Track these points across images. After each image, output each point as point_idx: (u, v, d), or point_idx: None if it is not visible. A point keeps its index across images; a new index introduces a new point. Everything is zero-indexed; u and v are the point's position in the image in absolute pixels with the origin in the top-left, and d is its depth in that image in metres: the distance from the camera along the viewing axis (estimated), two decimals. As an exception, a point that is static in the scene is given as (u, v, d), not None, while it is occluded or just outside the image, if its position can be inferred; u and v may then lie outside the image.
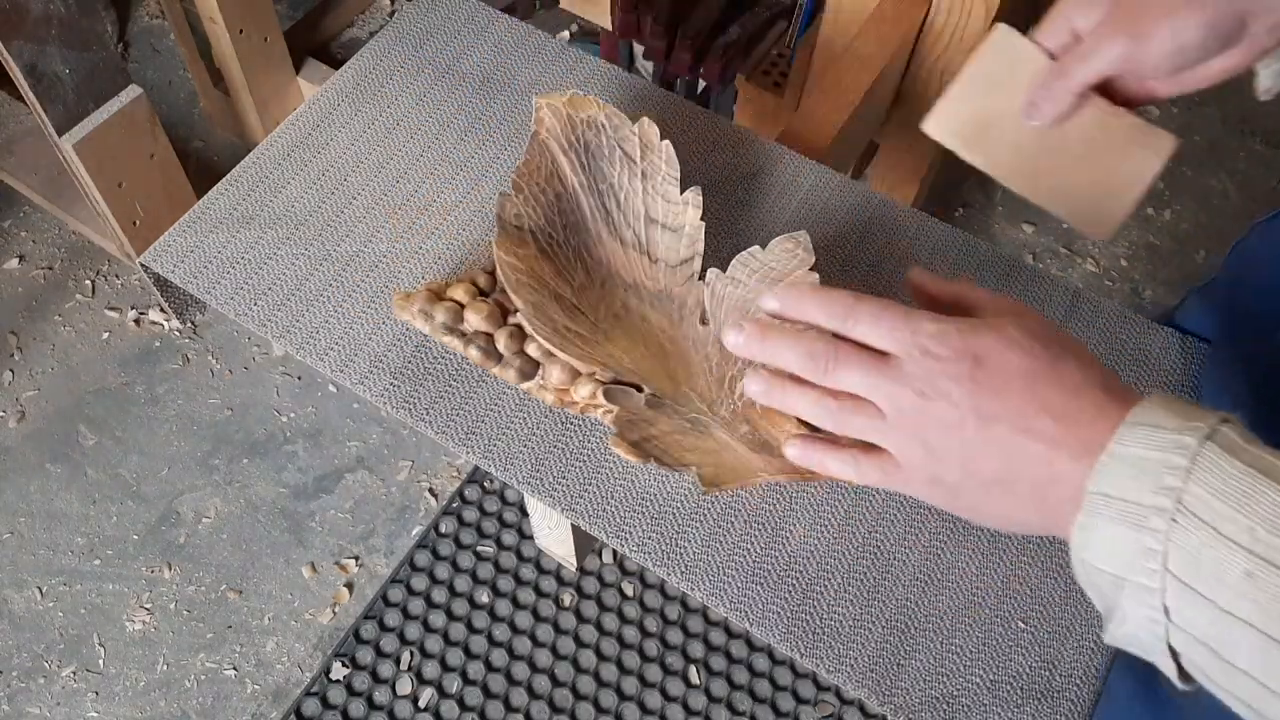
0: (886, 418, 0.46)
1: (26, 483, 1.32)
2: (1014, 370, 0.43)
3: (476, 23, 0.79)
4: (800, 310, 0.49)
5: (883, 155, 1.16)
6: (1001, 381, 0.43)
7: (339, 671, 1.20)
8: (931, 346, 0.44)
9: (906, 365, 0.45)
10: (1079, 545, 0.41)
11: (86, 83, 1.09)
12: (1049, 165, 0.59)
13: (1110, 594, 0.41)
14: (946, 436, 0.44)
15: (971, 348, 0.44)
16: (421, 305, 0.62)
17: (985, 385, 0.43)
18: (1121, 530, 0.39)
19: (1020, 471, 0.43)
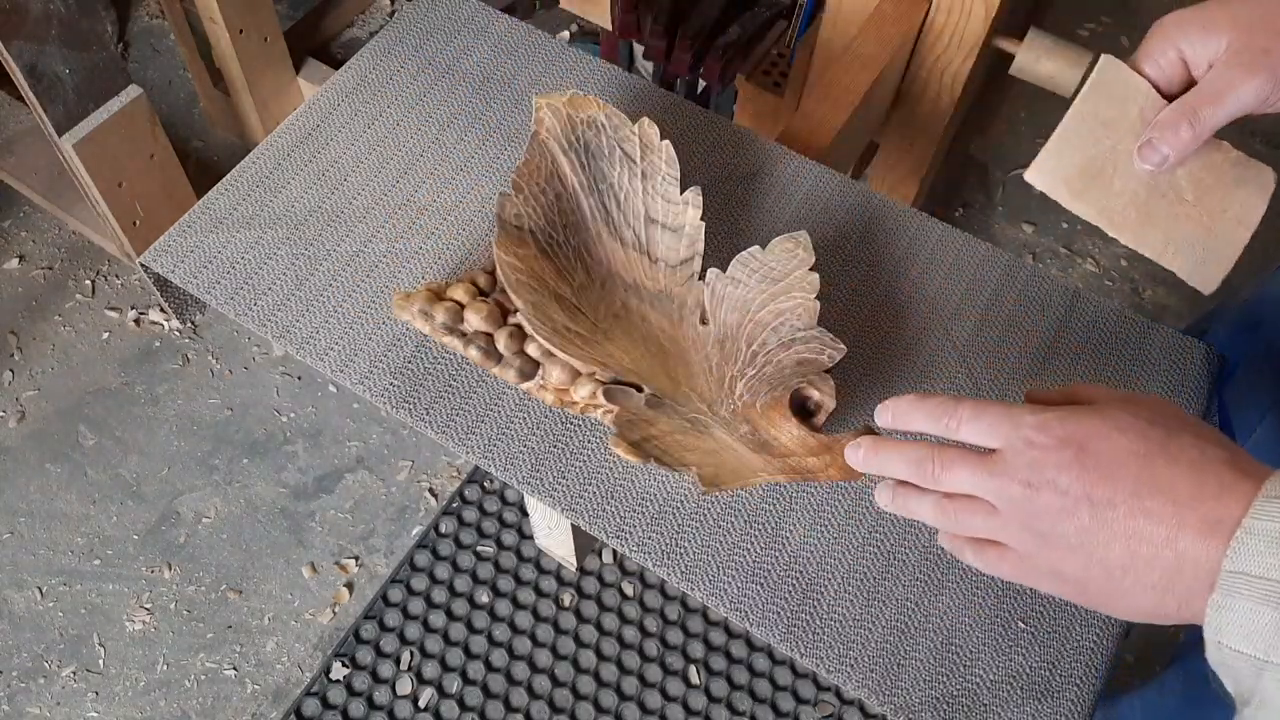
0: (1000, 512, 0.45)
1: (26, 483, 1.32)
2: (1123, 453, 0.41)
3: (476, 23, 0.79)
4: (907, 422, 0.48)
5: (883, 155, 1.16)
6: (1110, 465, 0.42)
7: (339, 671, 1.20)
8: (1034, 437, 0.43)
9: (1010, 457, 0.44)
10: (1214, 627, 0.39)
11: (86, 83, 1.09)
12: (1160, 212, 0.54)
13: (1248, 678, 0.39)
14: (1059, 524, 0.43)
15: (1074, 434, 0.42)
16: (421, 305, 0.62)
17: (1093, 470, 0.42)
18: (1264, 610, 0.37)
19: (1144, 556, 0.41)
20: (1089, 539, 0.42)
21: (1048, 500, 0.43)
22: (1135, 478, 0.41)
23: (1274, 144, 1.68)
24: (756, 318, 0.60)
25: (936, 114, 1.05)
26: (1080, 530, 0.42)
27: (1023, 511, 0.44)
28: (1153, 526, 0.41)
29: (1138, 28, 1.83)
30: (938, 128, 1.07)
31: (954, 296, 0.68)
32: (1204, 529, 0.40)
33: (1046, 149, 0.53)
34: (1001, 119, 1.67)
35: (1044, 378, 0.66)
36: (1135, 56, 0.54)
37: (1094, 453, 0.42)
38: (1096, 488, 0.42)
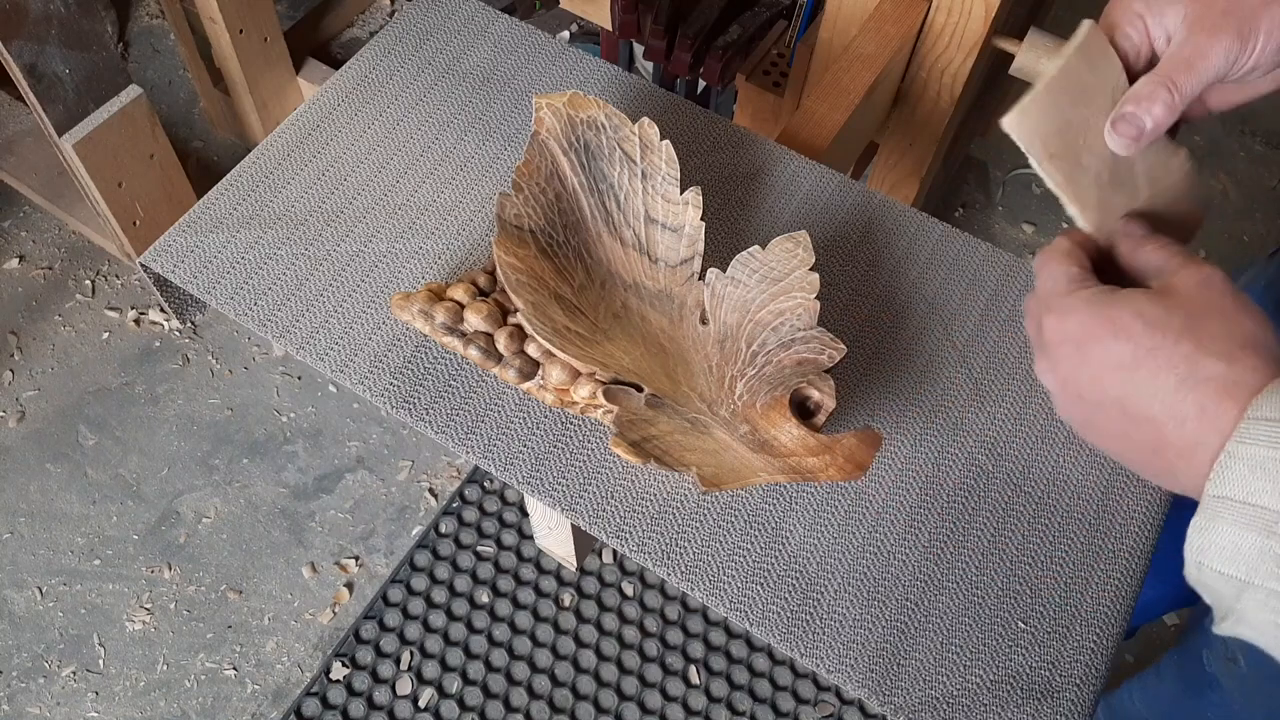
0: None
1: (26, 483, 1.32)
2: (1112, 362, 0.42)
3: (476, 23, 0.79)
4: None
5: (883, 155, 1.16)
6: (1100, 370, 0.43)
7: (339, 671, 1.20)
8: (1046, 323, 0.45)
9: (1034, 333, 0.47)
10: (1196, 548, 0.40)
11: (86, 83, 1.09)
12: (1115, 200, 0.51)
13: (1229, 596, 0.39)
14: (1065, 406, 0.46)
15: (1076, 333, 0.44)
16: (421, 305, 0.62)
17: (1085, 372, 0.43)
18: (1248, 535, 0.37)
19: (1137, 454, 0.43)
20: (1089, 426, 0.45)
21: (1052, 382, 0.46)
22: (1121, 386, 0.42)
23: (1274, 144, 1.68)
24: (756, 318, 0.60)
25: (936, 114, 1.05)
26: (1082, 418, 0.45)
27: (1041, 373, 0.47)
28: (1140, 434, 0.42)
29: (1138, 28, 1.83)
30: (938, 128, 1.07)
31: (954, 296, 0.68)
32: (1185, 449, 0.40)
33: (1034, 97, 0.49)
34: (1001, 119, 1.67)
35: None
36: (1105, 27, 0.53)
37: (1087, 357, 0.43)
38: (1085, 389, 0.43)
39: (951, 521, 0.60)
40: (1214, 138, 1.69)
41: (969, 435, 0.63)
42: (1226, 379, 0.39)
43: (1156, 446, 0.41)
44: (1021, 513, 0.60)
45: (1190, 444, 0.40)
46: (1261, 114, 1.71)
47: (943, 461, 0.62)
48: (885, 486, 0.61)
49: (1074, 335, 0.43)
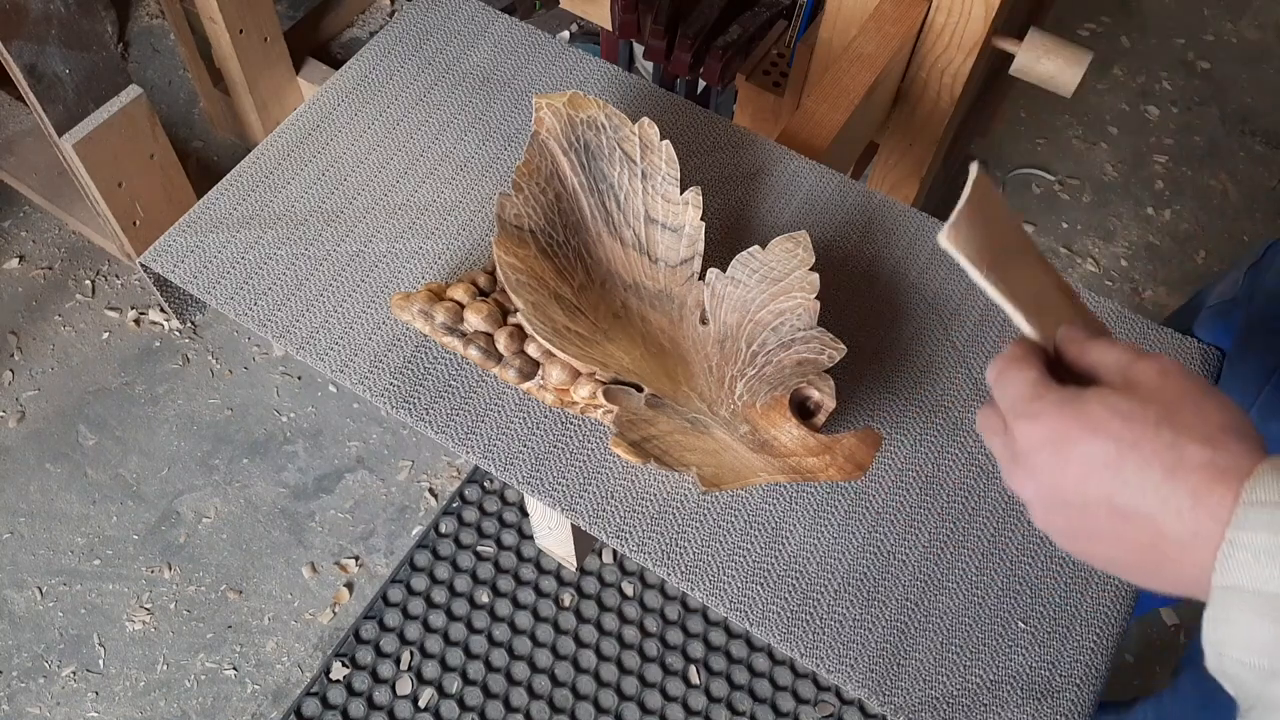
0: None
1: (26, 483, 1.32)
2: (1095, 458, 0.41)
3: (476, 23, 0.79)
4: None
5: (883, 155, 1.16)
6: (1084, 468, 0.41)
7: (339, 671, 1.20)
8: (1018, 428, 0.44)
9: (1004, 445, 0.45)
10: (1214, 640, 0.39)
11: (86, 83, 1.09)
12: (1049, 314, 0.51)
13: (1254, 684, 0.38)
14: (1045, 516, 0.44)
15: (1051, 436, 0.42)
16: (421, 305, 0.62)
17: (1069, 474, 0.42)
18: (1264, 625, 0.37)
19: (1132, 554, 0.41)
20: (1074, 533, 0.43)
21: (1031, 491, 0.44)
22: (1108, 484, 0.41)
23: (1274, 144, 1.68)
24: (756, 318, 0.60)
25: (936, 114, 1.05)
26: (1065, 525, 0.43)
27: (1014, 486, 0.45)
28: (1133, 530, 0.40)
29: (1137, 28, 1.83)
30: (938, 128, 1.07)
31: (954, 296, 0.68)
32: (1183, 540, 0.39)
33: (960, 214, 0.48)
34: (1001, 119, 1.67)
35: (1044, 378, 0.66)
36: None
37: (1067, 459, 0.42)
38: (1069, 492, 0.42)
39: (951, 521, 0.60)
40: (1214, 138, 1.69)
41: (969, 435, 0.63)
42: (1214, 464, 0.39)
43: (1152, 541, 0.40)
44: (1021, 513, 0.60)
45: (1189, 534, 0.39)
46: (1261, 114, 1.72)
47: (943, 461, 0.62)
48: (885, 486, 0.61)
49: (1049, 439, 0.42)
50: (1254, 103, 1.73)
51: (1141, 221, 1.61)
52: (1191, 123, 1.71)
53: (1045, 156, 1.67)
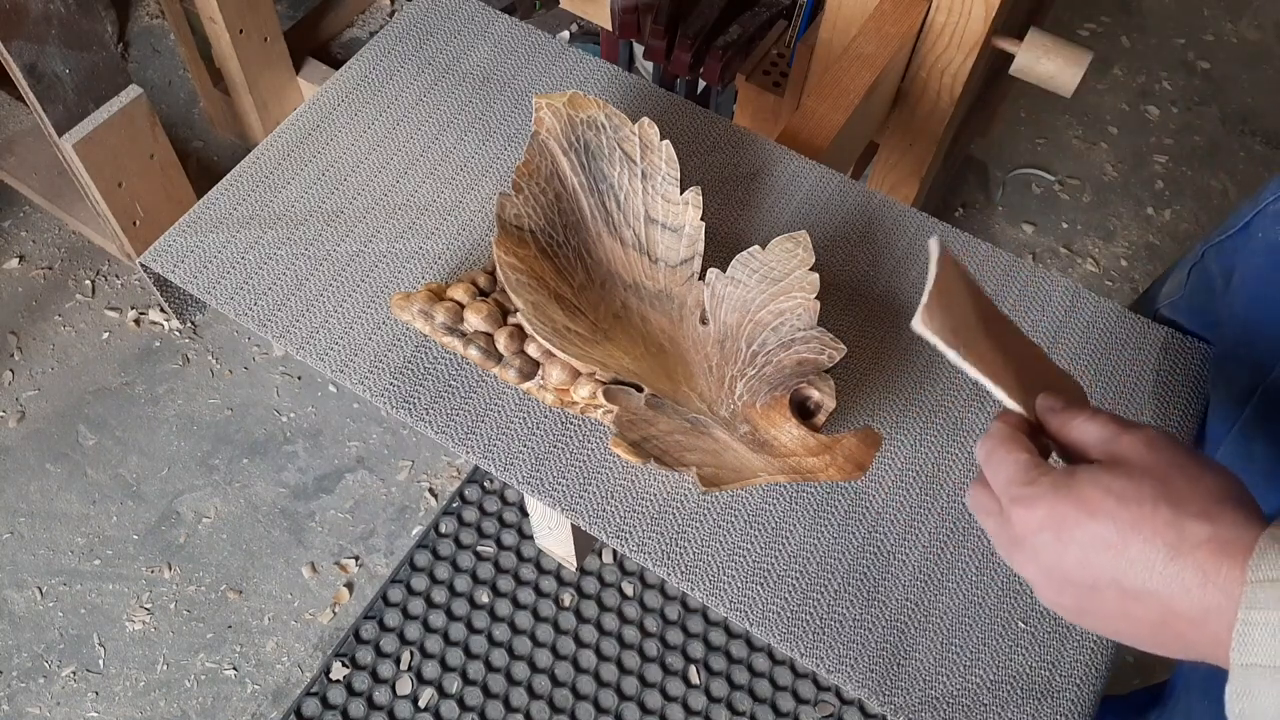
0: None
1: (26, 483, 1.32)
2: (1098, 541, 0.41)
3: (476, 23, 0.79)
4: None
5: (883, 155, 1.16)
6: (1087, 552, 0.42)
7: (339, 671, 1.20)
8: (1014, 513, 0.44)
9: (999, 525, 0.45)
10: (1239, 712, 0.39)
11: (86, 83, 1.09)
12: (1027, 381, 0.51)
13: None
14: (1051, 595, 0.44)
15: (1049, 519, 0.42)
16: (421, 305, 0.62)
17: (1071, 557, 0.42)
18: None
19: (1144, 630, 0.42)
20: (1082, 611, 0.43)
21: (1034, 573, 0.44)
22: (1112, 565, 0.41)
23: (1274, 144, 1.68)
24: (756, 318, 0.60)
25: (936, 114, 1.05)
26: (1073, 604, 0.43)
27: (1016, 567, 0.45)
28: (1142, 609, 0.41)
29: (1137, 28, 1.83)
30: (938, 128, 1.07)
31: (954, 296, 0.68)
32: (1195, 618, 0.39)
33: (930, 297, 0.47)
34: (1001, 119, 1.67)
35: (1044, 378, 0.66)
36: None
37: (1068, 542, 0.42)
38: (1073, 574, 0.42)
39: (951, 521, 0.60)
40: (1214, 138, 1.69)
41: (969, 436, 0.63)
42: (1216, 538, 0.39)
43: (1163, 618, 0.41)
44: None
45: (1200, 611, 0.39)
46: (1262, 114, 1.72)
47: (943, 461, 0.62)
48: (885, 486, 0.61)
49: (1048, 523, 0.42)
50: (1254, 103, 1.73)
51: (1141, 221, 1.61)
52: (1191, 123, 1.71)
53: (1045, 156, 1.67)
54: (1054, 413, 0.47)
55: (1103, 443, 0.44)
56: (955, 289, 0.49)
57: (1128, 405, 0.65)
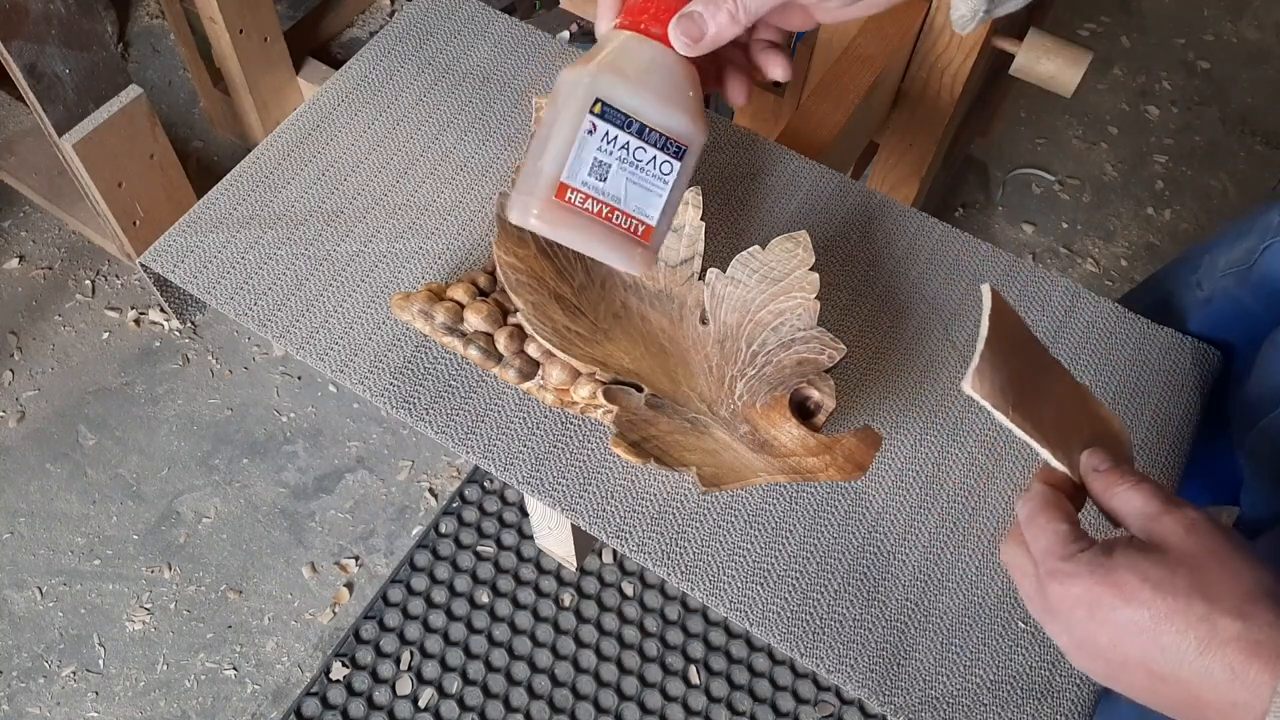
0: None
1: (26, 483, 1.32)
2: (1131, 625, 0.42)
3: (476, 23, 0.79)
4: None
5: (883, 155, 1.16)
6: (1118, 634, 0.42)
7: (339, 671, 1.20)
8: (1050, 587, 0.44)
9: (1035, 590, 0.46)
10: None
11: (86, 83, 1.09)
12: (1074, 435, 0.51)
13: None
14: (1083, 662, 0.45)
15: (1084, 597, 0.43)
16: (421, 305, 0.62)
17: (1104, 636, 0.43)
18: None
19: (1172, 710, 0.43)
20: (1113, 680, 0.44)
21: (1067, 643, 0.45)
22: (1143, 650, 0.41)
23: (1274, 144, 1.68)
24: (756, 318, 0.60)
25: (936, 114, 1.05)
26: (1105, 674, 0.44)
27: (1048, 632, 0.46)
28: (1172, 691, 0.41)
29: (1137, 28, 1.83)
30: (938, 128, 1.07)
31: (954, 296, 0.68)
32: (1223, 709, 0.40)
33: (981, 358, 0.48)
34: (1001, 119, 1.67)
35: (1044, 378, 0.66)
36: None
37: (1102, 622, 0.42)
38: (1105, 651, 0.43)
39: (951, 521, 0.60)
40: (1214, 138, 1.69)
41: (969, 436, 0.63)
42: (1247, 638, 0.40)
43: (1191, 703, 0.41)
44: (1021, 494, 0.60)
45: (1228, 704, 0.40)
46: (1261, 114, 1.72)
47: (943, 462, 0.62)
48: (885, 486, 0.61)
49: (1083, 601, 0.43)
50: (1254, 103, 1.73)
51: (1141, 221, 1.61)
52: (1191, 123, 1.71)
53: (1045, 156, 1.67)
54: (1099, 474, 0.48)
55: (1144, 519, 0.45)
56: (1006, 338, 0.49)
57: (1127, 406, 0.65)
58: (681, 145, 0.49)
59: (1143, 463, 0.63)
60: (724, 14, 0.47)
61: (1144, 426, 0.64)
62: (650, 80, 0.48)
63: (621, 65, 0.48)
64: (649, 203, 0.49)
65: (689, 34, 0.48)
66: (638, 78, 0.48)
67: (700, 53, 0.48)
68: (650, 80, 0.48)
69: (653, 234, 0.49)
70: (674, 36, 0.48)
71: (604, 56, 0.48)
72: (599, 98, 0.47)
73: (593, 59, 0.48)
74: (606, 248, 0.49)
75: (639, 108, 0.48)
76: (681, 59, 0.48)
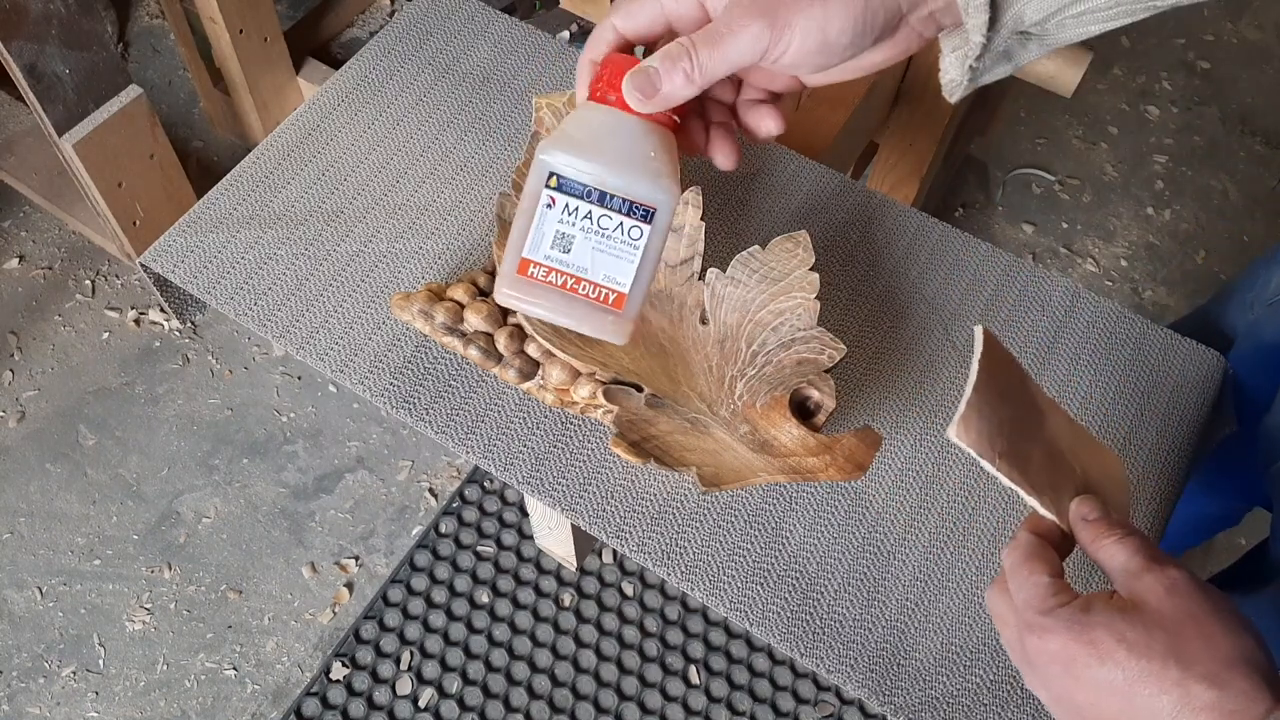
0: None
1: (26, 483, 1.32)
2: (1104, 686, 0.42)
3: (476, 23, 0.79)
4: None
5: (883, 155, 1.16)
6: (1094, 693, 0.42)
7: (339, 671, 1.20)
8: (1029, 640, 0.44)
9: (1016, 641, 0.46)
10: None
11: (86, 83, 1.09)
12: (1064, 482, 0.51)
13: None
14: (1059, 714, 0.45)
15: (1061, 654, 0.43)
16: (421, 305, 0.62)
17: (1080, 692, 0.43)
18: None
19: None
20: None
21: (1045, 697, 0.45)
22: (1119, 709, 0.42)
23: (1274, 144, 1.68)
24: (756, 318, 0.60)
25: (936, 114, 1.05)
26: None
27: (1027, 683, 0.46)
28: None
29: (1137, 28, 1.83)
30: (938, 128, 1.07)
31: (954, 296, 0.68)
32: None
33: (967, 406, 0.48)
34: (1001, 119, 1.68)
35: (1044, 378, 0.66)
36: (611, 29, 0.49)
37: (1078, 679, 0.43)
38: (1083, 707, 0.43)
39: (951, 521, 0.60)
40: (1214, 138, 1.69)
41: (969, 435, 0.63)
42: (1221, 707, 0.40)
43: None
44: (1022, 513, 0.60)
45: None
46: (1261, 114, 1.72)
47: (943, 462, 0.62)
48: (885, 486, 0.61)
49: (1059, 657, 0.43)
50: (1254, 103, 1.73)
51: (1141, 221, 1.61)
52: (1191, 123, 1.71)
53: (1045, 156, 1.67)
54: (1087, 524, 0.48)
55: (1126, 575, 0.45)
56: (996, 385, 0.48)
57: (1127, 407, 0.65)
58: (649, 209, 0.47)
59: (1146, 464, 0.63)
60: (679, 73, 0.46)
61: (1145, 427, 0.64)
62: (607, 145, 0.47)
63: (574, 134, 0.47)
64: (619, 270, 0.48)
65: (641, 89, 0.46)
66: (593, 144, 0.47)
67: (654, 109, 0.47)
68: (607, 145, 0.47)
69: (625, 301, 0.49)
70: (627, 92, 0.47)
71: (559, 129, 0.48)
72: (552, 170, 0.47)
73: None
74: (576, 318, 0.49)
75: (596, 175, 0.47)
76: (645, 122, 0.47)
